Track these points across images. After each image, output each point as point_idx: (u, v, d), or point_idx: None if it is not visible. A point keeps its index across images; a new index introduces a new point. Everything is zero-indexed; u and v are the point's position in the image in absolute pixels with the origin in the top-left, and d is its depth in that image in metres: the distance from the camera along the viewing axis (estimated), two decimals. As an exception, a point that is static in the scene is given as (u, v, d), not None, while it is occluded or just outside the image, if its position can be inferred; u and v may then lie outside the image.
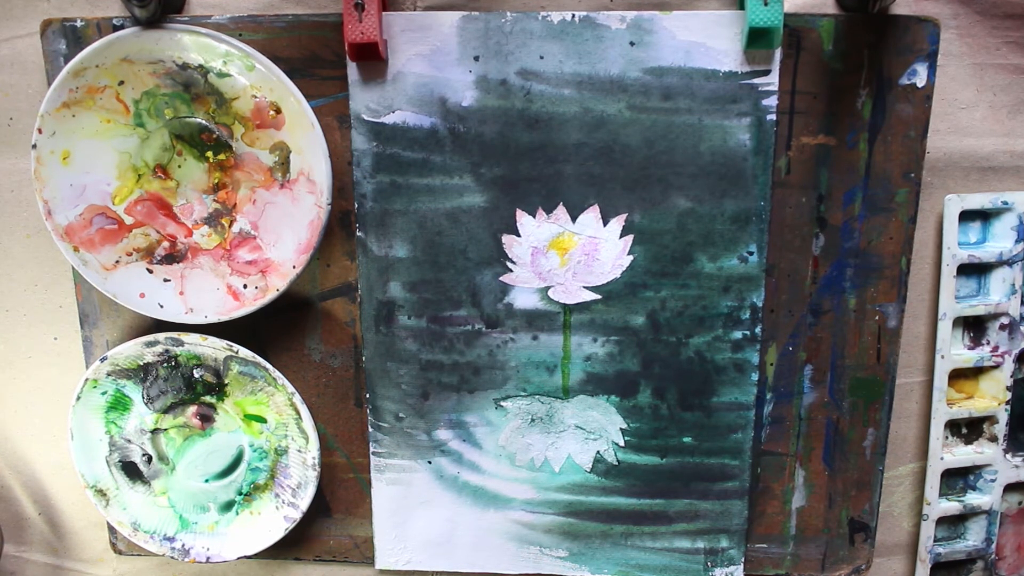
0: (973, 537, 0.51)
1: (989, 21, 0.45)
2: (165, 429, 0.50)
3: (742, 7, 0.43)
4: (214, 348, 0.47)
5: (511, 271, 0.47)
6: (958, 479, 0.51)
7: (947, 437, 0.50)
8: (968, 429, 0.50)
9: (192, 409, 0.50)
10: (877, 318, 0.47)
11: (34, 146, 0.43)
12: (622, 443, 0.49)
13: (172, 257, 0.46)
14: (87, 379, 0.48)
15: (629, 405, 0.48)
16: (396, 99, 0.45)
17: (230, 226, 0.46)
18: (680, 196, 0.45)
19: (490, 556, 0.51)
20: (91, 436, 0.49)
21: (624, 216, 0.46)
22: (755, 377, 0.48)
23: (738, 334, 0.47)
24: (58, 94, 0.43)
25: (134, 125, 0.45)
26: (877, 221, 0.46)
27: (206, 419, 0.50)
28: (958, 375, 0.49)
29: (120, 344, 0.47)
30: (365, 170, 0.46)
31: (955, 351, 0.48)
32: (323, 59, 0.45)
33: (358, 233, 0.47)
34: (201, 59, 0.43)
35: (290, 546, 0.51)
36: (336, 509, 0.51)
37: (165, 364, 0.48)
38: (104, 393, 0.48)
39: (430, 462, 0.50)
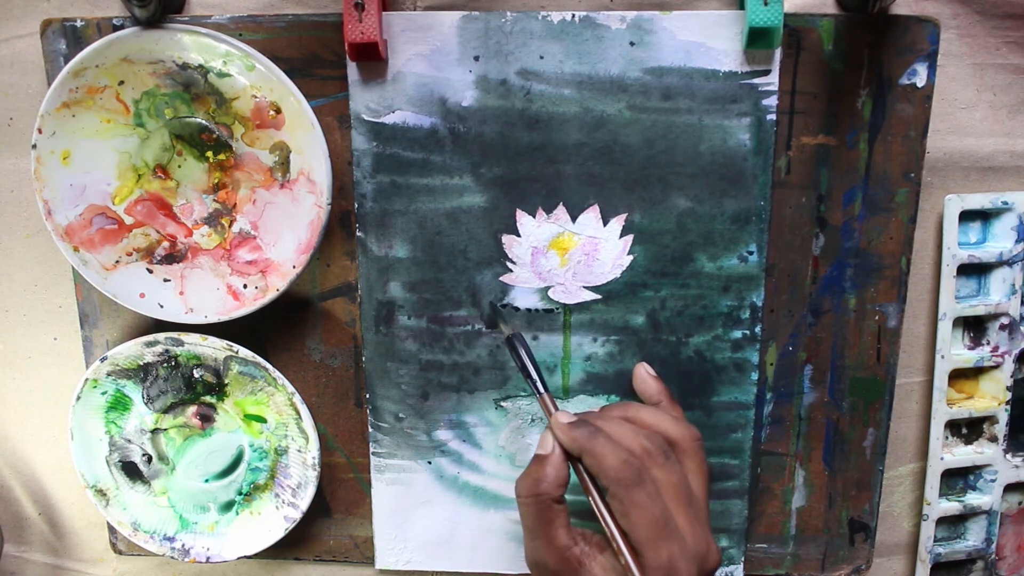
0: (973, 537, 0.51)
1: (989, 21, 0.45)
2: (165, 429, 0.50)
3: (742, 7, 0.43)
4: (214, 348, 0.47)
5: (511, 271, 0.47)
6: (958, 479, 0.51)
7: (947, 437, 0.50)
8: (968, 429, 0.50)
9: (192, 409, 0.50)
10: (877, 318, 0.47)
11: (34, 146, 0.43)
12: (622, 443, 0.49)
13: (172, 257, 0.46)
14: (87, 379, 0.48)
15: (629, 405, 0.48)
16: (396, 99, 0.45)
17: (230, 226, 0.46)
18: (680, 196, 0.45)
19: (490, 556, 0.51)
20: (91, 436, 0.49)
21: (624, 216, 0.46)
22: (755, 377, 0.48)
23: (738, 334, 0.47)
24: (58, 94, 0.43)
25: (134, 125, 0.45)
26: (877, 221, 0.46)
27: (206, 419, 0.50)
28: (958, 375, 0.49)
29: (120, 344, 0.47)
30: (365, 170, 0.46)
31: (955, 351, 0.48)
32: (323, 59, 0.45)
33: (358, 233, 0.47)
34: (201, 59, 0.43)
35: (290, 546, 0.51)
36: (336, 509, 0.51)
37: (165, 364, 0.48)
38: (104, 393, 0.48)
39: (430, 462, 0.50)
